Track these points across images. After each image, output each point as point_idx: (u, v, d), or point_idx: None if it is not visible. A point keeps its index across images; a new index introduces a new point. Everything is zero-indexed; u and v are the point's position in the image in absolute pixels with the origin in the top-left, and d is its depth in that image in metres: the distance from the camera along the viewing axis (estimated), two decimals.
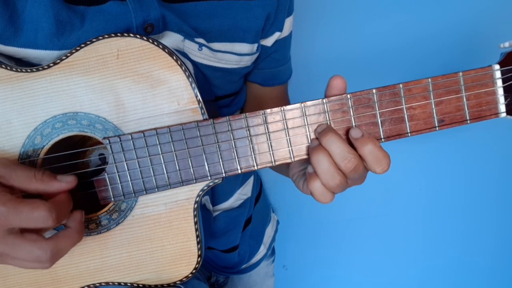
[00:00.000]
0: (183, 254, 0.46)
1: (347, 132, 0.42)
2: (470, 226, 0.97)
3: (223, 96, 0.59)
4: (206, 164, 0.43)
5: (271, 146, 0.43)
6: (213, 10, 0.52)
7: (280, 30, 0.60)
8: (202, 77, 0.54)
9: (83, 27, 0.45)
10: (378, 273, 0.99)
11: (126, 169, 0.43)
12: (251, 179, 0.72)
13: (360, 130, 0.41)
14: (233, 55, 0.55)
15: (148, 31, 0.47)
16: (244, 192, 0.70)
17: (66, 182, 0.40)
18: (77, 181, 0.41)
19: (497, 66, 0.42)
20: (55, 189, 0.40)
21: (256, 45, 0.57)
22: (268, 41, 0.60)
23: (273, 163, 0.43)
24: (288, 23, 0.61)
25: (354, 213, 0.95)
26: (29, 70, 0.43)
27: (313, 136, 0.43)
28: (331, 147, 0.40)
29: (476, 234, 0.98)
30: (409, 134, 0.43)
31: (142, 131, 0.43)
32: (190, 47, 0.51)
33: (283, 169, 0.53)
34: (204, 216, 0.61)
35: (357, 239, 0.97)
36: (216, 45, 0.53)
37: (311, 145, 0.42)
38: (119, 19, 0.46)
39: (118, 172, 0.43)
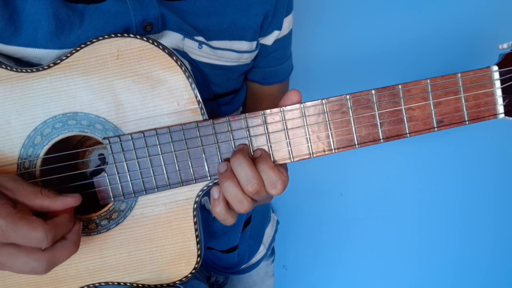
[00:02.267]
0: (182, 254, 0.46)
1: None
2: (470, 225, 0.97)
3: (223, 94, 0.59)
4: (206, 164, 0.43)
5: (271, 146, 0.43)
6: (212, 8, 0.52)
7: (279, 29, 0.60)
8: (200, 75, 0.54)
9: (82, 26, 0.45)
10: (378, 273, 1.00)
11: (126, 170, 0.43)
12: None
13: (260, 150, 0.42)
14: (233, 52, 0.55)
15: (148, 30, 0.47)
16: None
17: (70, 198, 0.40)
18: (81, 199, 0.41)
19: (495, 67, 0.42)
20: (59, 206, 0.40)
21: (255, 42, 0.57)
22: (268, 40, 0.60)
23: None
24: (287, 21, 0.61)
25: (354, 213, 0.95)
26: (29, 70, 0.43)
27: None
28: (237, 170, 0.41)
29: (476, 233, 0.98)
30: (408, 134, 0.43)
31: (142, 131, 0.43)
32: (190, 46, 0.51)
33: None
34: (204, 216, 0.61)
35: (357, 239, 0.97)
36: (215, 43, 0.53)
37: (219, 169, 0.42)
38: (118, 18, 0.46)
39: (118, 172, 0.43)
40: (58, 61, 0.43)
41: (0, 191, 0.38)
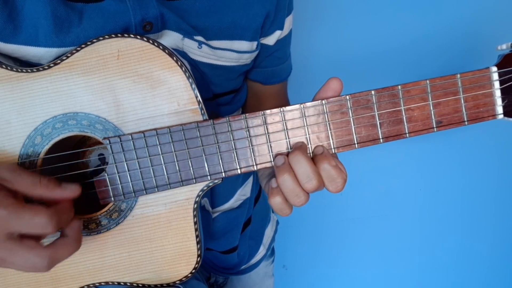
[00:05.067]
0: (182, 254, 0.46)
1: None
2: (470, 225, 0.97)
3: (222, 93, 0.59)
4: (206, 164, 0.43)
5: (271, 147, 0.43)
6: (212, 8, 0.52)
7: (281, 28, 0.60)
8: (199, 75, 0.54)
9: (81, 24, 0.45)
10: (378, 273, 1.00)
11: (126, 169, 0.43)
12: (251, 180, 0.72)
13: (321, 147, 0.43)
14: (233, 52, 0.55)
15: (147, 29, 0.47)
16: (244, 192, 0.70)
17: (70, 189, 0.40)
18: (80, 189, 0.41)
19: (494, 68, 0.42)
20: (58, 196, 0.40)
21: (255, 42, 0.57)
22: (270, 40, 0.60)
23: (273, 164, 0.44)
24: (288, 21, 0.61)
25: (354, 213, 0.95)
26: (29, 70, 0.43)
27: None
28: (296, 167, 0.41)
29: (477, 233, 0.98)
30: (407, 135, 0.43)
31: (142, 132, 0.43)
32: (190, 46, 0.51)
33: None
34: (203, 217, 0.62)
35: (357, 239, 0.97)
36: (215, 43, 0.53)
37: (276, 163, 0.43)
38: (118, 17, 0.46)
39: (118, 172, 0.44)
40: (58, 61, 0.43)
41: None
